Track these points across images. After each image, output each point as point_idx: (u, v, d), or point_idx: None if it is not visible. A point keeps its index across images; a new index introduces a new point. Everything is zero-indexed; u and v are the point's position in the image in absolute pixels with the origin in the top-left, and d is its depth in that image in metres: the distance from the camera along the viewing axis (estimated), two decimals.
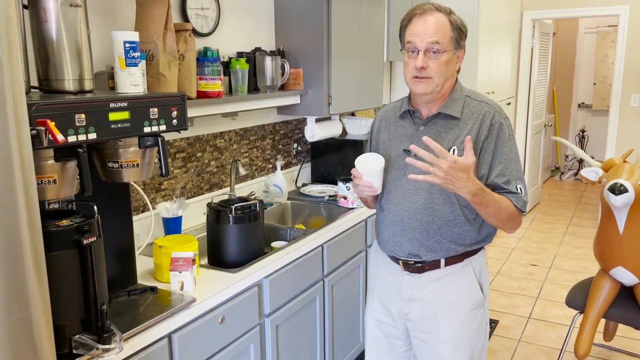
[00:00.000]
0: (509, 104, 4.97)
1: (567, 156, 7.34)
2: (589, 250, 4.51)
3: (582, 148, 7.26)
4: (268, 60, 2.41)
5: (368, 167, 1.56)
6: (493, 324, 3.28)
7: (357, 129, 3.13)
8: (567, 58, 7.26)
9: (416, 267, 1.63)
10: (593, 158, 2.60)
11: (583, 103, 7.34)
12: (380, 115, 1.76)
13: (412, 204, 1.59)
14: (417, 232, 1.60)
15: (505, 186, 1.55)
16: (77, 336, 1.27)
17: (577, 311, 2.54)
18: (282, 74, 2.58)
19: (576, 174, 7.29)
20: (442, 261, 1.61)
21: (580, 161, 7.27)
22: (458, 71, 1.62)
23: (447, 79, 1.56)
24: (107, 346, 1.26)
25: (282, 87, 2.63)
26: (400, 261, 1.65)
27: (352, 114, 3.30)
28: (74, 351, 1.26)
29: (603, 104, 6.96)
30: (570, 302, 2.55)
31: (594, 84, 7.14)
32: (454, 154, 1.52)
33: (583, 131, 7.29)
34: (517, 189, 1.54)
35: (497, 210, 1.51)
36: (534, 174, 5.75)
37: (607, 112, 5.07)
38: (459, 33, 1.54)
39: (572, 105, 7.39)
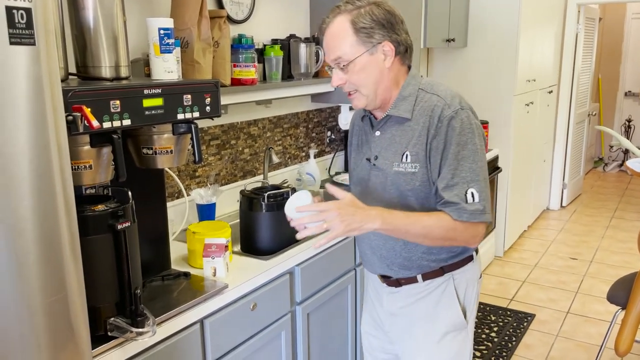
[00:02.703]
0: (550, 92, 4.82)
1: (611, 146, 7.08)
2: (633, 244, 4.35)
3: (627, 138, 6.99)
4: (302, 47, 2.39)
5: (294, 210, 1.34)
6: (529, 317, 3.21)
7: None
8: (613, 44, 6.97)
9: (392, 280, 1.50)
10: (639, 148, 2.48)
11: (630, 91, 7.05)
12: (353, 118, 1.59)
13: None
14: (383, 249, 1.46)
15: (442, 194, 1.31)
16: (112, 319, 1.29)
17: (618, 307, 2.45)
18: (317, 61, 2.55)
19: (621, 165, 7.03)
20: (419, 276, 1.46)
21: (626, 152, 7.00)
22: (409, 67, 1.40)
23: (380, 82, 1.35)
24: (140, 330, 1.28)
25: (317, 75, 2.61)
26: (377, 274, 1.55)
27: None
28: (109, 333, 1.29)
29: None
30: (612, 297, 2.47)
31: None
32: (406, 160, 1.36)
33: (629, 121, 7.01)
34: (464, 196, 1.30)
35: (423, 229, 1.30)
36: (576, 164, 5.58)
37: None
38: (368, 30, 1.30)
39: (618, 93, 7.11)
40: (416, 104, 1.36)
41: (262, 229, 1.93)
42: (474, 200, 1.31)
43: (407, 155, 1.36)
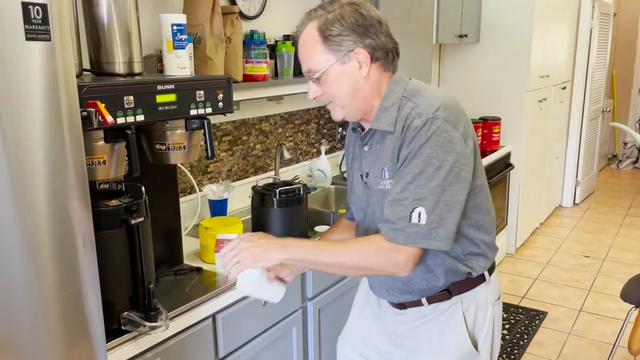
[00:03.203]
0: (564, 88, 4.77)
1: (625, 143, 7.00)
2: None
3: None
4: None
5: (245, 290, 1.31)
6: (541, 315, 3.19)
7: None
8: (628, 40, 6.88)
9: (397, 303, 1.40)
10: None
11: None
12: (349, 129, 1.45)
13: None
14: None
15: (385, 209, 1.19)
16: (126, 313, 1.31)
17: (632, 305, 2.43)
18: None
19: (635, 162, 6.94)
20: (424, 299, 1.35)
21: None
22: (393, 70, 1.27)
23: (357, 93, 1.23)
24: (153, 324, 1.29)
25: None
26: None
27: None
28: (123, 327, 1.30)
29: None
30: (626, 295, 2.44)
31: None
32: (385, 176, 1.25)
33: None
34: (409, 215, 1.14)
35: (331, 259, 1.21)
36: (590, 161, 5.52)
37: None
38: (337, 37, 1.19)
39: (633, 90, 7.02)
40: (398, 114, 1.23)
41: (274, 225, 1.93)
42: (419, 220, 1.14)
43: (385, 171, 1.25)
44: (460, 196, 1.18)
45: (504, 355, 2.80)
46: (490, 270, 1.37)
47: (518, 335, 2.98)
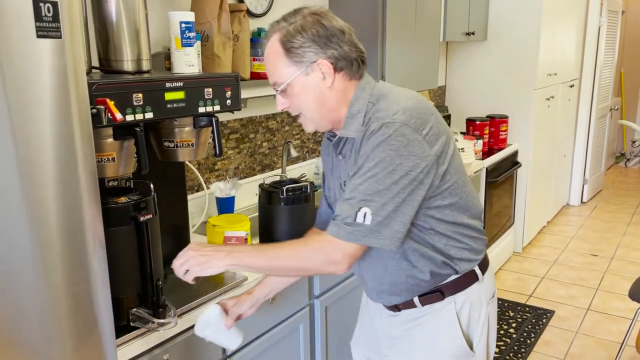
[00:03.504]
0: (572, 86, 4.74)
1: (634, 141, 6.95)
2: None
3: None
4: None
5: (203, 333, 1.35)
6: (548, 314, 3.18)
7: None
8: (636, 38, 6.83)
9: (389, 305, 1.40)
10: None
11: None
12: (324, 138, 1.43)
13: None
14: (368, 277, 1.38)
15: (336, 207, 1.20)
16: (134, 310, 1.31)
17: None
18: None
19: None
20: (416, 299, 1.34)
21: None
22: (360, 75, 1.26)
23: (323, 104, 1.23)
24: (162, 320, 1.30)
25: None
26: None
27: None
28: (131, 324, 1.31)
29: None
30: (634, 294, 2.43)
31: None
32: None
33: None
34: (354, 214, 1.14)
35: (268, 262, 1.22)
36: (597, 160, 5.49)
37: None
38: (298, 49, 1.18)
39: None
40: (364, 120, 1.22)
41: (281, 223, 1.94)
42: (364, 220, 1.14)
43: (351, 176, 1.24)
44: (413, 199, 1.17)
45: (511, 354, 2.79)
46: (483, 268, 1.36)
47: (525, 334, 2.98)
